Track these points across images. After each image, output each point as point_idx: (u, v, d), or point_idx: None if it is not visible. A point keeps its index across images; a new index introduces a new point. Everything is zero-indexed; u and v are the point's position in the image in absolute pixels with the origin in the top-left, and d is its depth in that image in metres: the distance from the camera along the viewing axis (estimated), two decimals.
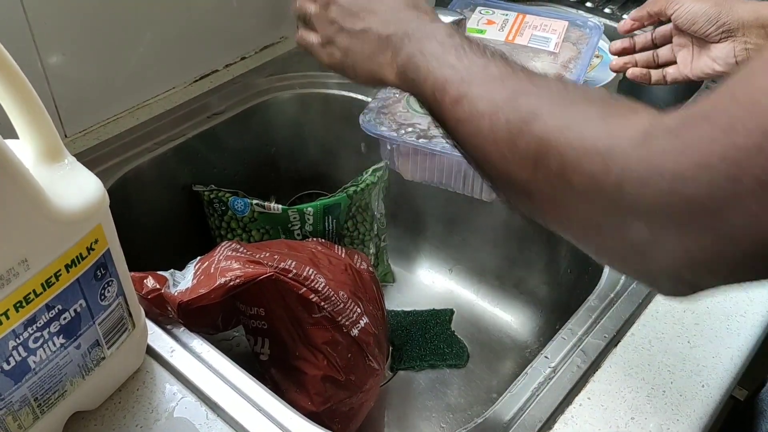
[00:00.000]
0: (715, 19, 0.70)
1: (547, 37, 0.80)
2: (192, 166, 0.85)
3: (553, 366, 0.57)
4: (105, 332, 0.49)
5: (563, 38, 0.80)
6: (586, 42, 0.80)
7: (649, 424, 0.53)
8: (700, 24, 0.71)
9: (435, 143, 0.68)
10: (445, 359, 0.84)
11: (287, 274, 0.64)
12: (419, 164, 0.74)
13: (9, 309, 0.41)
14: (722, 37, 0.71)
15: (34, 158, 0.44)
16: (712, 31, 0.71)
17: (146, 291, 0.60)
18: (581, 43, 0.80)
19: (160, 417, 0.53)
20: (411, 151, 0.73)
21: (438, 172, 0.73)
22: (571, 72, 0.75)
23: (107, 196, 0.46)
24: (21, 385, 0.44)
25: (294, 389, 0.67)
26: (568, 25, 0.82)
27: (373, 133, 0.71)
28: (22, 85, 0.41)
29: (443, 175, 0.73)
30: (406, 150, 0.73)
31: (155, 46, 0.83)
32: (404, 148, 0.73)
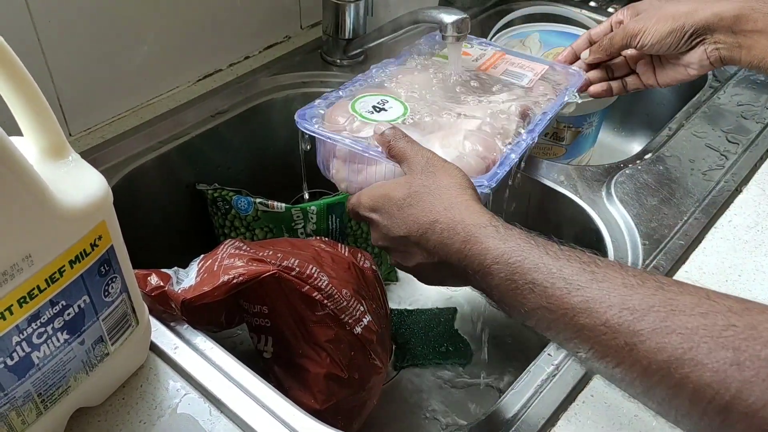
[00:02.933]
0: (681, 33, 0.70)
1: (522, 74, 0.78)
2: (196, 164, 0.85)
3: (556, 363, 0.57)
4: (109, 328, 0.50)
5: (540, 77, 0.77)
6: (565, 84, 0.77)
7: (651, 422, 0.53)
8: (668, 43, 0.72)
9: (376, 150, 0.62)
10: (448, 357, 0.84)
11: (290, 272, 0.64)
12: (357, 173, 0.66)
13: (13, 304, 0.41)
14: (691, 45, 0.72)
15: (39, 155, 0.44)
16: (681, 45, 0.71)
17: (150, 288, 0.60)
18: (560, 85, 0.77)
19: (163, 413, 0.53)
20: (348, 157, 0.66)
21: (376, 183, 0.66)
22: (540, 106, 0.72)
23: (111, 192, 0.46)
24: (24, 381, 0.45)
25: (297, 387, 0.67)
26: (548, 68, 0.79)
27: (309, 131, 0.65)
28: (26, 82, 0.41)
29: None
30: (344, 154, 0.66)
31: (159, 45, 0.84)
32: (341, 152, 0.66)
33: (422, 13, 0.81)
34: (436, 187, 0.55)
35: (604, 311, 0.41)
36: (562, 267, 0.45)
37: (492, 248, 0.48)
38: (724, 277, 0.66)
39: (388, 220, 0.56)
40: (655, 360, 0.38)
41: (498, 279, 0.47)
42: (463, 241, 0.50)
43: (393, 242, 0.57)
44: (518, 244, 0.48)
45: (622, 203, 0.75)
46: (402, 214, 0.55)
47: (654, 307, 0.40)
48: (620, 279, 0.42)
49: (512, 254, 0.47)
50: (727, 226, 0.73)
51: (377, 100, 0.69)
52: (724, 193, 0.76)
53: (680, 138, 0.85)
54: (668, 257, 0.68)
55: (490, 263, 0.48)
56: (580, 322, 0.42)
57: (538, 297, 0.45)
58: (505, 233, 0.49)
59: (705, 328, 0.38)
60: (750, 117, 0.88)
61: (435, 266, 0.54)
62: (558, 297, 0.44)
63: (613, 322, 0.41)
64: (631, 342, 0.40)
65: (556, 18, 1.07)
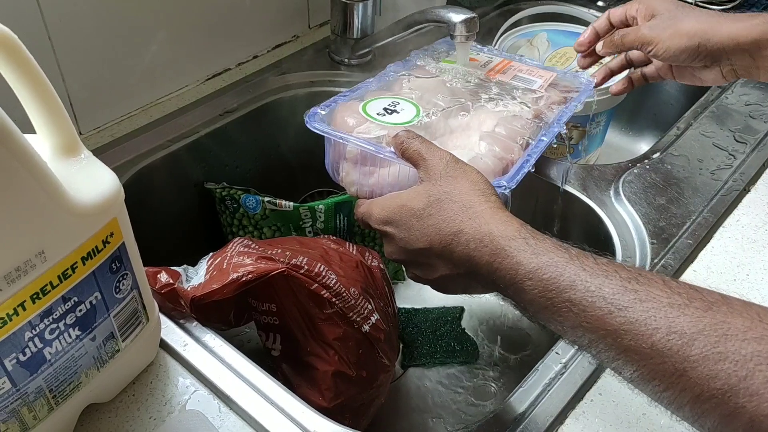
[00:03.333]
0: (695, 53, 0.68)
1: (532, 79, 0.76)
2: (204, 163, 0.85)
3: (564, 362, 0.58)
4: (120, 325, 0.50)
5: (550, 84, 0.76)
6: (575, 93, 0.75)
7: (659, 421, 0.53)
8: (681, 59, 0.69)
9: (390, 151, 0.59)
10: (455, 356, 0.84)
11: (299, 270, 0.64)
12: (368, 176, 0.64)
13: (26, 300, 0.42)
14: (705, 65, 0.69)
15: (52, 152, 0.45)
16: (696, 63, 0.69)
17: (160, 286, 0.61)
18: (570, 93, 0.75)
19: (173, 409, 0.53)
20: (359, 159, 0.63)
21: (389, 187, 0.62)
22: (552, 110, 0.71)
23: (122, 189, 0.46)
24: (36, 376, 0.45)
25: (305, 385, 0.67)
26: (556, 75, 0.78)
27: (319, 131, 0.63)
28: (39, 81, 0.42)
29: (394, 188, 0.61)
30: (354, 156, 0.64)
31: (168, 45, 0.84)
32: (351, 154, 0.64)
33: (430, 12, 0.81)
34: (458, 193, 0.51)
35: (651, 334, 0.39)
36: (602, 285, 0.42)
37: (524, 263, 0.45)
38: (732, 276, 0.66)
39: (406, 233, 0.53)
40: (707, 388, 0.37)
41: (531, 295, 0.45)
42: (492, 254, 0.47)
43: (412, 255, 0.54)
44: (551, 258, 0.45)
45: (630, 202, 0.75)
46: (422, 225, 0.52)
47: (704, 330, 0.38)
48: (665, 298, 0.40)
49: (546, 270, 0.44)
50: (735, 225, 0.73)
51: (388, 102, 0.67)
52: (732, 193, 0.76)
53: (688, 137, 0.85)
54: (676, 256, 0.68)
55: (522, 279, 0.45)
56: (624, 344, 0.40)
57: (576, 316, 0.42)
58: (537, 245, 0.46)
59: (759, 355, 0.36)
60: (758, 117, 0.88)
61: (460, 277, 0.52)
62: (599, 318, 0.41)
63: (661, 346, 0.38)
64: (680, 368, 0.38)
65: (564, 17, 1.07)
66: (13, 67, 0.40)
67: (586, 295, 0.42)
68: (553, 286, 0.44)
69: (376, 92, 0.71)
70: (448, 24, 0.77)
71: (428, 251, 0.52)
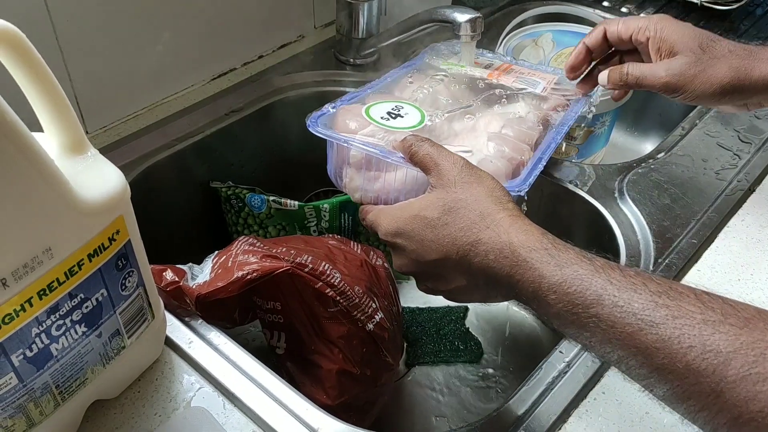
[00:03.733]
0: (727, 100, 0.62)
1: (535, 82, 0.75)
2: (210, 162, 0.86)
3: (567, 360, 0.58)
4: (125, 322, 0.50)
5: (552, 86, 0.75)
6: (577, 91, 0.74)
7: (663, 420, 0.53)
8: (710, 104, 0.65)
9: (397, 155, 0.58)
10: (459, 355, 0.84)
11: (303, 268, 0.65)
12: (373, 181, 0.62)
13: (33, 296, 0.42)
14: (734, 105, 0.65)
15: (59, 150, 0.45)
16: (723, 104, 0.65)
17: (165, 283, 0.61)
18: (572, 93, 0.74)
19: (178, 406, 0.54)
20: (363, 164, 0.62)
21: (395, 192, 0.60)
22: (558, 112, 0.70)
23: (128, 187, 0.47)
24: (43, 372, 0.45)
25: (309, 383, 0.68)
26: (558, 78, 0.77)
27: (322, 134, 0.62)
28: (47, 80, 0.42)
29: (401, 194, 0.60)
30: (358, 161, 0.62)
31: (174, 45, 0.85)
32: (355, 159, 0.62)
33: (435, 12, 0.81)
34: (474, 200, 0.49)
35: (685, 353, 0.37)
36: (631, 300, 0.40)
37: (547, 275, 0.43)
38: (736, 276, 0.66)
39: (418, 244, 0.50)
40: (746, 410, 0.35)
41: (556, 309, 0.43)
42: (513, 266, 0.45)
43: (425, 267, 0.52)
44: (576, 271, 0.43)
45: (635, 202, 0.75)
46: (436, 235, 0.49)
47: (741, 349, 0.36)
48: (699, 314, 0.38)
49: (571, 283, 0.42)
50: (739, 225, 0.73)
51: (392, 106, 0.66)
52: (736, 193, 0.76)
53: (693, 137, 0.85)
54: (681, 256, 0.68)
55: (546, 292, 0.43)
56: (657, 362, 0.38)
57: (604, 332, 0.41)
58: (560, 257, 0.44)
59: None
60: (763, 117, 0.88)
61: (477, 288, 0.50)
62: (629, 334, 0.39)
63: (696, 365, 0.37)
64: (717, 388, 0.36)
65: (569, 17, 1.07)
66: (21, 64, 0.40)
67: (615, 311, 0.40)
68: (579, 301, 0.42)
69: (378, 96, 0.70)
70: (453, 24, 0.77)
71: (443, 262, 0.49)
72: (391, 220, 0.53)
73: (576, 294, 0.42)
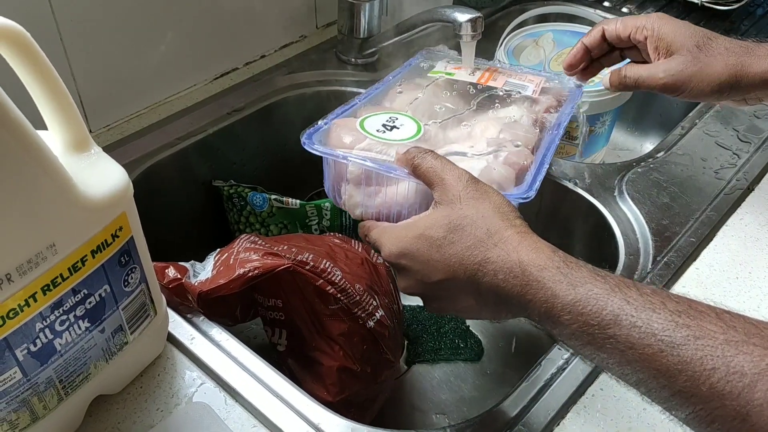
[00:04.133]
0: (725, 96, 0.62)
1: (524, 85, 0.73)
2: (212, 161, 0.86)
3: (565, 357, 0.58)
4: (128, 318, 0.51)
5: (542, 88, 0.73)
6: (566, 98, 0.73)
7: (661, 416, 0.53)
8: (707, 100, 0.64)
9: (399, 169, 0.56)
10: (459, 353, 0.84)
11: (305, 266, 0.65)
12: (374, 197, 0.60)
13: (37, 292, 0.43)
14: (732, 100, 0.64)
15: (63, 148, 0.46)
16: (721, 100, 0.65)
17: (168, 280, 0.61)
18: (561, 98, 0.73)
19: (180, 401, 0.54)
20: (362, 179, 0.59)
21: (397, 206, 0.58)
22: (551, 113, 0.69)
23: (131, 184, 0.47)
24: (47, 367, 0.46)
25: (310, 380, 0.68)
26: (545, 79, 0.75)
27: (319, 152, 0.60)
28: (51, 78, 0.43)
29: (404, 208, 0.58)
30: (356, 177, 0.59)
31: (177, 45, 0.85)
32: (353, 175, 0.59)
33: (436, 12, 0.82)
34: (480, 217, 0.47)
35: (708, 375, 0.36)
36: (650, 320, 0.39)
37: (560, 295, 0.42)
38: (734, 274, 0.67)
39: (424, 265, 0.49)
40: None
41: (570, 329, 0.42)
42: (524, 285, 0.44)
43: (431, 289, 0.50)
44: (590, 290, 0.41)
45: (634, 201, 0.75)
46: (442, 255, 0.48)
47: (767, 371, 0.35)
48: (721, 334, 0.37)
49: (586, 303, 0.41)
50: (738, 223, 0.73)
51: (386, 117, 0.64)
52: (735, 192, 0.76)
53: (692, 137, 0.85)
54: (679, 254, 0.68)
55: (559, 313, 0.42)
56: (679, 385, 0.37)
57: (622, 354, 0.39)
58: (573, 275, 0.42)
59: None
60: (762, 116, 0.88)
61: (487, 307, 0.48)
62: (649, 356, 0.38)
63: (720, 388, 0.36)
64: (743, 411, 0.35)
65: (570, 18, 1.07)
66: (25, 63, 0.41)
67: (633, 332, 0.39)
68: (595, 321, 0.40)
69: (369, 108, 0.68)
70: (453, 24, 0.78)
71: (450, 283, 0.48)
72: (395, 240, 0.51)
73: (591, 314, 0.41)
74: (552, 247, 0.46)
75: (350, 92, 0.94)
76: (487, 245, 0.46)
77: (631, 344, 0.39)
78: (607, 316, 0.40)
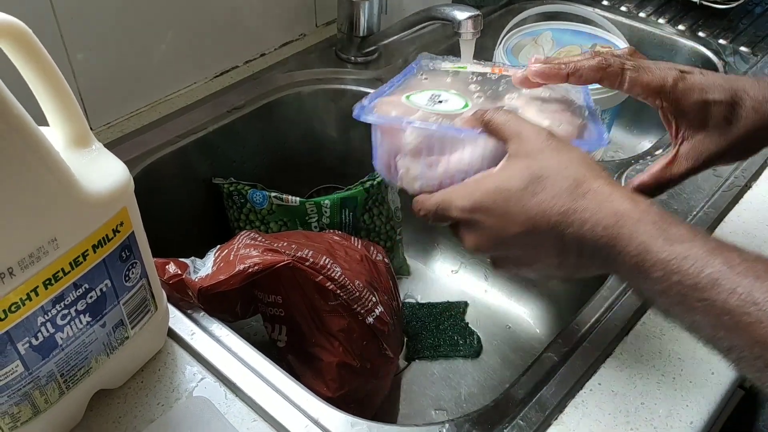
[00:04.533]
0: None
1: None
2: (212, 159, 0.87)
3: (564, 352, 0.58)
4: (129, 312, 0.51)
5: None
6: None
7: (658, 410, 0.54)
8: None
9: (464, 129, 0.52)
10: (458, 350, 0.85)
11: (304, 262, 0.65)
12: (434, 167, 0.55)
13: (38, 286, 0.43)
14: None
15: (64, 144, 0.46)
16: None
17: (168, 276, 0.62)
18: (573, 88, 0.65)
19: (180, 396, 0.54)
20: (422, 149, 0.55)
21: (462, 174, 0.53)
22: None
23: (132, 180, 0.48)
24: (48, 361, 0.46)
25: (310, 375, 0.68)
26: None
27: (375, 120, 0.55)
28: (53, 75, 0.43)
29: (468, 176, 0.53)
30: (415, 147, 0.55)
31: (177, 43, 0.86)
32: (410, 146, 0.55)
33: (435, 10, 0.82)
34: (565, 167, 0.44)
35: None
36: (752, 288, 0.36)
37: (654, 250, 0.39)
38: None
39: (500, 218, 0.45)
40: None
41: (660, 287, 0.39)
42: (613, 238, 0.41)
43: (506, 244, 0.47)
44: (689, 249, 0.39)
45: None
46: (523, 206, 0.44)
47: None
48: None
49: (682, 263, 0.38)
50: (736, 220, 0.73)
51: (429, 94, 0.60)
52: (733, 189, 0.77)
53: None
54: None
55: (651, 269, 0.39)
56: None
57: (716, 319, 0.37)
58: (670, 231, 0.40)
59: None
60: None
61: (566, 263, 0.46)
62: (746, 325, 0.36)
63: None
64: None
65: (569, 16, 1.07)
66: (27, 59, 0.41)
67: (731, 298, 0.36)
68: (690, 282, 0.38)
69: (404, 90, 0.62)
70: (453, 22, 0.78)
71: (529, 236, 0.45)
72: (467, 195, 0.48)
73: (687, 275, 0.38)
74: (648, 200, 0.42)
75: (350, 90, 0.94)
76: (574, 195, 0.43)
77: (728, 311, 0.37)
78: (704, 279, 0.37)
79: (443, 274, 0.97)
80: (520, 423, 0.53)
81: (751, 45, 1.05)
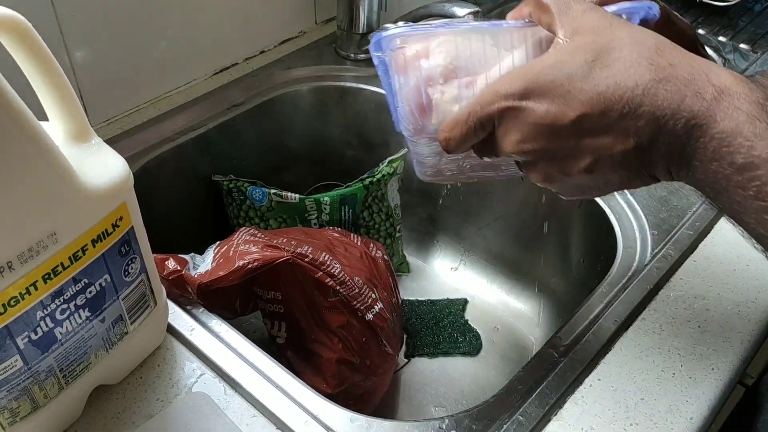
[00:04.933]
0: None
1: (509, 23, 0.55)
2: (211, 156, 0.87)
3: (564, 346, 0.58)
4: (128, 308, 0.51)
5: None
6: None
7: (658, 405, 0.54)
8: None
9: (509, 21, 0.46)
10: (458, 347, 0.85)
11: (304, 258, 0.65)
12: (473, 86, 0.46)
13: (37, 280, 0.43)
14: None
15: (64, 138, 0.46)
16: None
17: (167, 272, 0.62)
18: None
19: (180, 392, 0.54)
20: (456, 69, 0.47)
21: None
22: None
23: (131, 175, 0.48)
24: (47, 356, 0.46)
25: (309, 372, 0.68)
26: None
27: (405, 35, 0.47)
28: (53, 69, 0.43)
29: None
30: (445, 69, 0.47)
31: (177, 40, 0.85)
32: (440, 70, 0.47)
33: (435, 6, 0.82)
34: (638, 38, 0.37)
35: None
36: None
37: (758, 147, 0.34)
38: (732, 266, 0.67)
39: (560, 98, 0.37)
40: None
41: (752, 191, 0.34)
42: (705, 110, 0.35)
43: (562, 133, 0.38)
44: None
45: (632, 194, 0.75)
46: (589, 82, 0.37)
47: None
48: None
49: None
50: None
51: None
52: None
53: None
54: (677, 247, 0.69)
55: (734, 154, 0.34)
56: None
57: None
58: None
59: None
60: None
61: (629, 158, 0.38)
62: None
63: None
64: None
65: None
66: (27, 53, 0.41)
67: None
68: None
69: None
70: (452, 18, 0.78)
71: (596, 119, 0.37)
72: (514, 78, 0.40)
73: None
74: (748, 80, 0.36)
75: (349, 87, 0.94)
76: (656, 63, 0.36)
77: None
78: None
79: (443, 271, 0.97)
80: (520, 418, 0.53)
81: (751, 42, 1.05)
